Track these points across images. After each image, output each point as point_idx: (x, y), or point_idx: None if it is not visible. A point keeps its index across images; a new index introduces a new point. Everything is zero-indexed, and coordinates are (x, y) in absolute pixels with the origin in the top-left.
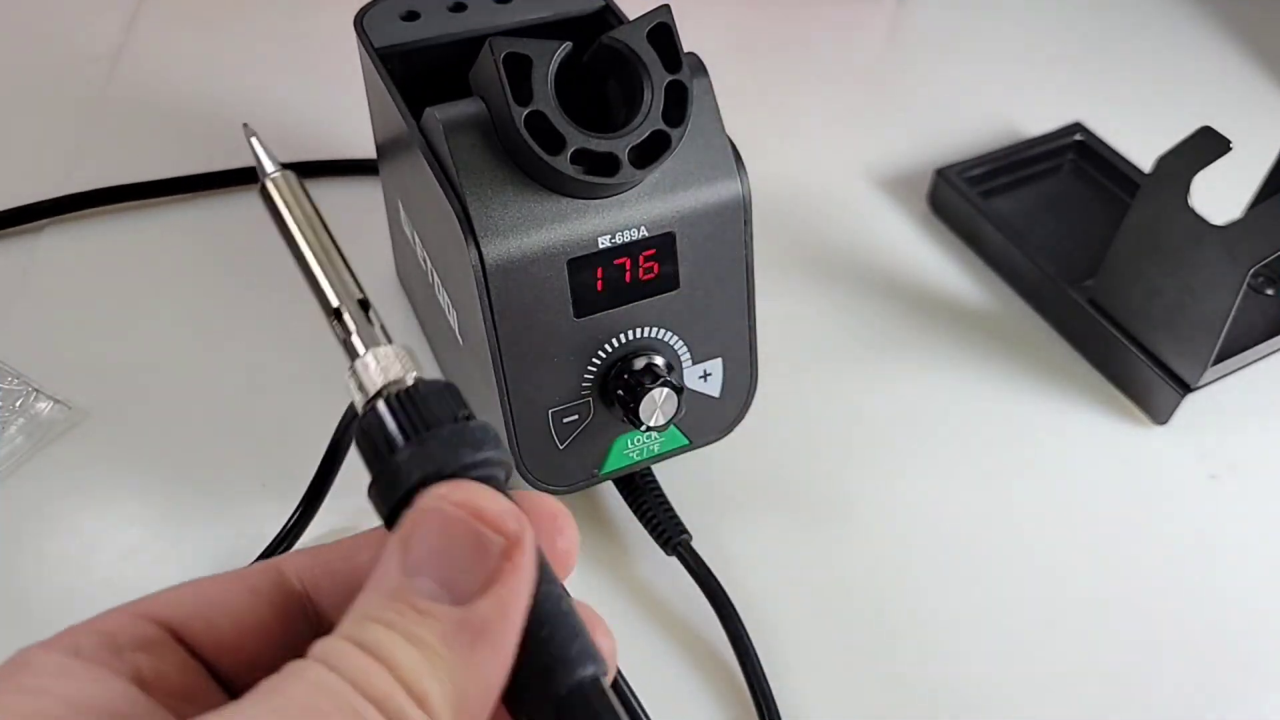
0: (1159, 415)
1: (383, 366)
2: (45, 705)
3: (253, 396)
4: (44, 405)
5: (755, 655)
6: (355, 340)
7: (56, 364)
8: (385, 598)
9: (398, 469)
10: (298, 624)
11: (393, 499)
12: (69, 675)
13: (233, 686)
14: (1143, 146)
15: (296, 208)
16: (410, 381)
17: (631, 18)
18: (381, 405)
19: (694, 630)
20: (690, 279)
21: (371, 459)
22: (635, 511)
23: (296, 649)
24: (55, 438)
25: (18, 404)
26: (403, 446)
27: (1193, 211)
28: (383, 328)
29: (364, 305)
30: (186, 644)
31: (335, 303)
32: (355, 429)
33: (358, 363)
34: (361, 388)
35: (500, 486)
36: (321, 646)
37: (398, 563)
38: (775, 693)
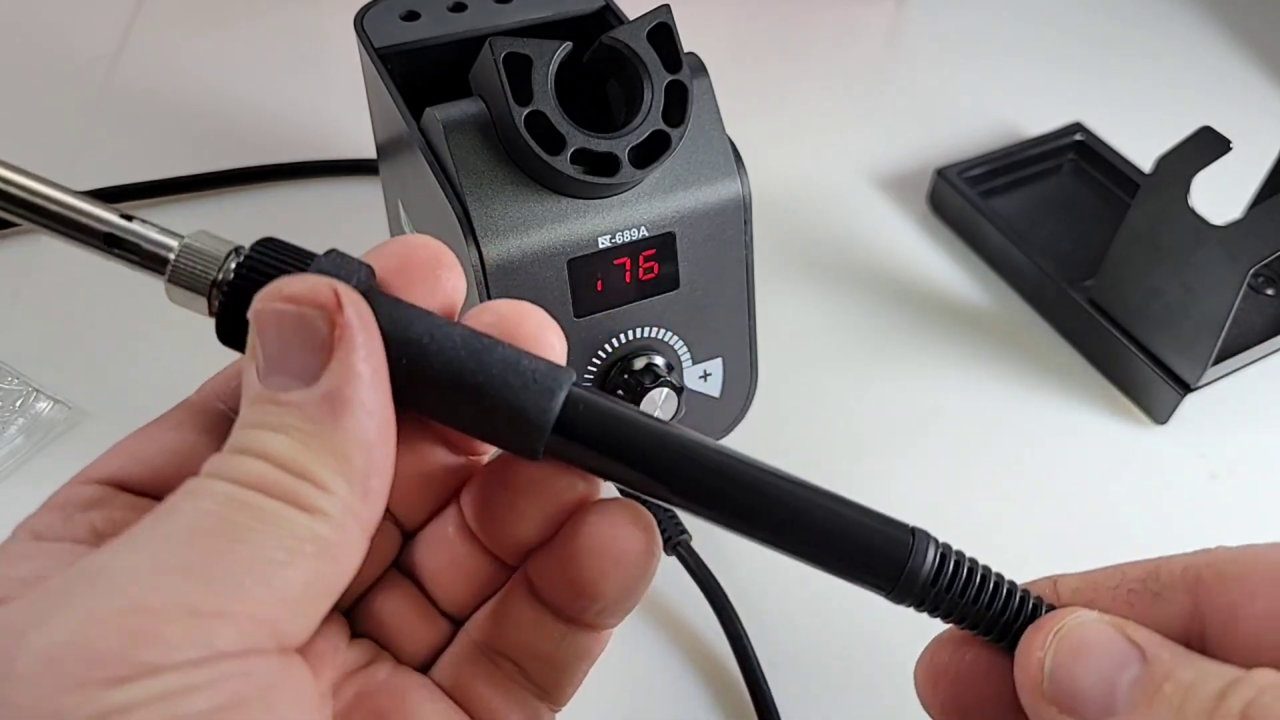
0: (1159, 415)
1: (210, 239)
2: (7, 591)
3: None
4: (44, 405)
5: (754, 655)
6: (157, 235)
7: (56, 364)
8: (250, 405)
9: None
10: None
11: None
12: (29, 558)
13: None
14: (1143, 146)
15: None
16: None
17: (631, 18)
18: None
19: (693, 630)
20: (690, 279)
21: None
22: None
23: None
24: (55, 438)
25: (18, 404)
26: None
27: (1193, 211)
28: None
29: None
30: (136, 492)
31: (113, 215)
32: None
33: (186, 241)
34: (203, 255)
35: (342, 269)
36: (208, 463)
37: (253, 372)
38: (774, 693)
